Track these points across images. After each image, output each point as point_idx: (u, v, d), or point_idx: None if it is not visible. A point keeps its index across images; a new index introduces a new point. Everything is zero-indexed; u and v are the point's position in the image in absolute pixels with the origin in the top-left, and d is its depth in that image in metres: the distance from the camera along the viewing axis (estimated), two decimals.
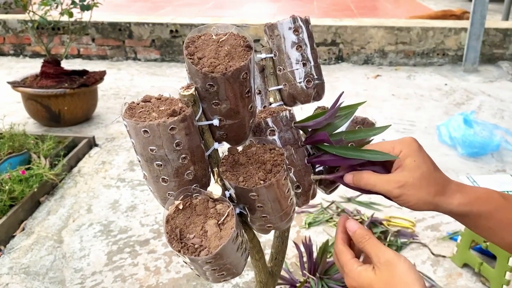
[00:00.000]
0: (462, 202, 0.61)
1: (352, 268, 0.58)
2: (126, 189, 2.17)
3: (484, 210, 0.61)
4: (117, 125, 2.88)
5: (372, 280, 0.56)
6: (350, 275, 0.58)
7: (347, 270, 0.59)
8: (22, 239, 1.82)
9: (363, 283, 0.56)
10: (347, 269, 0.59)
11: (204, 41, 0.60)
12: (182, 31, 4.24)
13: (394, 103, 3.26)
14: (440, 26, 4.07)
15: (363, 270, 0.57)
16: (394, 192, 0.61)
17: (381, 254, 0.57)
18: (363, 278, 0.57)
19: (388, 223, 1.86)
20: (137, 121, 0.55)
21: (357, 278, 0.57)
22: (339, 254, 0.61)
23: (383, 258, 0.57)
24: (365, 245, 0.60)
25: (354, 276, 0.58)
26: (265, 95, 0.82)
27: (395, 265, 0.56)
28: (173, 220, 0.58)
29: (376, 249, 0.58)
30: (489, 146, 2.42)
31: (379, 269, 0.56)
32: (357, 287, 0.57)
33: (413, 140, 0.63)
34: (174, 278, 1.61)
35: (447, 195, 0.61)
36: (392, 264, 0.56)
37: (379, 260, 0.57)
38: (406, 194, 0.61)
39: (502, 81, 3.73)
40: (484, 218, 0.61)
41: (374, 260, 0.57)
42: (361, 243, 0.61)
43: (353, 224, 0.63)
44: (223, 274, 0.60)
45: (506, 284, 1.47)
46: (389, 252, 0.57)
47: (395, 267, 0.56)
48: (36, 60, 4.35)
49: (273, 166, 0.62)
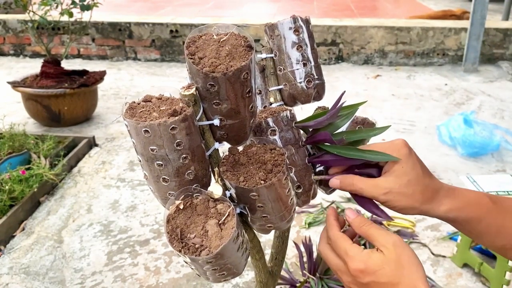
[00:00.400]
0: (450, 208, 0.61)
1: (359, 251, 0.57)
2: (126, 189, 2.17)
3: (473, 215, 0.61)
4: (117, 125, 2.88)
5: (383, 260, 0.55)
6: (357, 258, 0.56)
7: (352, 254, 0.57)
8: (22, 239, 1.82)
9: (373, 265, 0.55)
10: (352, 253, 0.57)
11: (205, 41, 0.60)
12: (182, 31, 4.24)
13: (394, 103, 3.26)
14: (440, 26, 4.07)
15: (371, 252, 0.56)
16: (380, 198, 0.61)
17: (388, 236, 0.57)
18: (372, 260, 0.56)
19: (388, 223, 1.86)
20: (137, 121, 0.55)
21: (366, 260, 0.56)
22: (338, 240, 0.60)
23: (391, 240, 0.56)
24: (369, 229, 0.59)
25: (363, 259, 0.56)
26: (266, 95, 0.82)
27: (403, 247, 0.56)
28: (174, 220, 0.58)
29: (381, 232, 0.58)
30: (489, 146, 2.43)
31: (388, 249, 0.56)
32: (365, 270, 0.55)
33: (404, 144, 0.62)
34: (174, 278, 1.61)
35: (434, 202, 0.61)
36: (400, 246, 0.56)
37: (386, 242, 0.56)
38: (392, 200, 0.61)
39: (502, 81, 3.73)
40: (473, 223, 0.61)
41: (380, 243, 0.57)
42: (363, 228, 0.60)
43: (351, 211, 0.62)
44: (224, 274, 0.60)
45: (506, 284, 1.47)
46: (395, 235, 0.58)
47: (403, 249, 0.56)
48: (36, 60, 4.35)
49: (274, 166, 0.62)
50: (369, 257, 0.56)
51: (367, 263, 0.56)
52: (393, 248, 0.56)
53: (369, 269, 0.55)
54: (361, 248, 0.57)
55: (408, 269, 0.55)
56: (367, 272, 0.55)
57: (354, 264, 0.56)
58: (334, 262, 0.60)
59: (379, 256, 0.56)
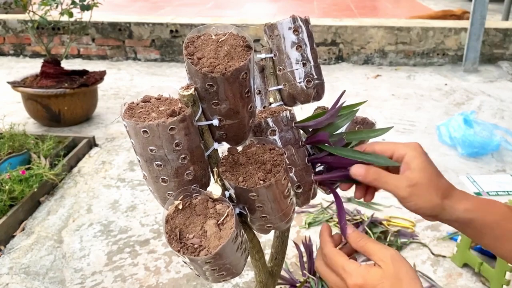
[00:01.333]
0: (468, 208, 0.60)
1: (356, 267, 0.57)
2: (126, 189, 2.17)
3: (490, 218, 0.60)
4: (117, 125, 2.88)
5: (381, 275, 0.55)
6: (355, 274, 0.56)
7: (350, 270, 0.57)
8: (22, 239, 1.82)
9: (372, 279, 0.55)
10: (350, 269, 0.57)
11: (203, 41, 0.60)
12: (182, 31, 4.24)
13: (394, 103, 3.26)
14: (440, 26, 4.07)
15: (369, 267, 0.57)
16: (404, 191, 0.61)
17: (386, 250, 0.57)
18: (371, 274, 0.56)
19: (388, 223, 1.86)
20: (136, 121, 0.55)
21: (365, 275, 0.56)
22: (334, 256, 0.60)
23: (389, 254, 0.57)
24: (366, 244, 0.59)
25: (361, 274, 0.56)
26: (265, 95, 0.82)
27: (401, 261, 0.56)
28: (173, 220, 0.58)
29: (379, 246, 0.58)
30: (489, 146, 2.42)
31: (386, 264, 0.56)
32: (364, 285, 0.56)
33: (419, 144, 0.64)
34: (174, 278, 1.61)
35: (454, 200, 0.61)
36: (398, 260, 0.56)
37: (384, 256, 0.57)
38: (416, 194, 0.60)
39: (502, 81, 3.73)
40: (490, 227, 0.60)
41: (378, 257, 0.57)
42: (360, 243, 0.60)
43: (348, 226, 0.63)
44: (223, 274, 0.60)
45: (506, 284, 1.47)
46: (392, 249, 0.58)
47: (401, 263, 0.56)
48: (36, 60, 4.35)
49: (273, 166, 0.62)
50: (367, 272, 0.56)
51: (366, 278, 0.56)
52: (391, 262, 0.56)
53: (368, 284, 0.55)
54: (358, 264, 0.58)
55: (406, 282, 0.55)
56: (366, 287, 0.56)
57: (353, 279, 0.56)
58: (331, 278, 0.60)
59: (377, 271, 0.56)
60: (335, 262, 0.59)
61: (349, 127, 0.77)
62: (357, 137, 0.71)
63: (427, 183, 0.60)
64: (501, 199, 2.03)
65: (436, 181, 0.61)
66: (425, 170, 0.61)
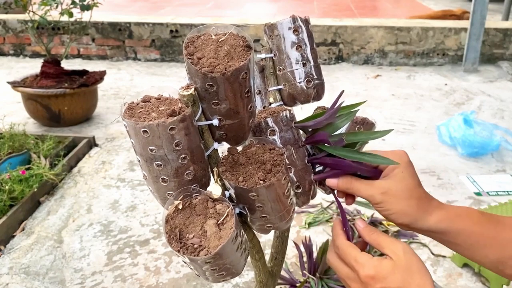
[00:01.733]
0: (441, 218, 0.62)
1: (369, 258, 0.58)
2: (126, 189, 2.17)
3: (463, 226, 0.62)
4: (117, 125, 2.88)
5: (393, 267, 0.57)
6: (367, 265, 0.57)
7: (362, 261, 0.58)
8: (22, 239, 1.82)
9: (384, 271, 0.56)
10: (362, 260, 0.58)
11: (203, 41, 0.60)
12: (182, 31, 4.24)
13: (394, 103, 3.26)
14: (440, 26, 4.07)
15: (381, 260, 0.58)
16: (376, 198, 0.63)
17: (398, 243, 0.59)
18: (383, 266, 0.57)
19: (388, 223, 1.86)
20: (136, 121, 0.55)
21: (377, 266, 0.57)
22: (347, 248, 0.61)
23: (400, 247, 0.58)
24: (378, 237, 0.61)
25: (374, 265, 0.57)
26: (265, 95, 0.82)
27: (412, 254, 0.58)
28: (173, 220, 0.58)
29: (391, 239, 0.60)
30: (489, 146, 2.42)
31: (397, 256, 0.57)
32: (376, 276, 0.57)
33: (405, 153, 0.65)
34: (174, 278, 1.61)
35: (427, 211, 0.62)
36: (409, 252, 0.58)
37: (396, 249, 0.58)
38: (388, 202, 0.62)
39: (502, 81, 3.73)
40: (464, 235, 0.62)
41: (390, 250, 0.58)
42: (372, 236, 0.61)
43: (361, 221, 0.64)
44: (223, 274, 0.60)
45: (506, 284, 1.47)
46: (403, 242, 0.59)
47: (412, 255, 0.58)
48: (36, 60, 4.35)
49: (273, 166, 0.62)
50: (379, 264, 0.57)
51: (377, 269, 0.57)
52: (403, 255, 0.57)
53: (380, 275, 0.56)
54: (370, 256, 0.59)
55: (417, 275, 0.56)
56: (378, 278, 0.56)
57: (365, 270, 0.57)
58: (343, 270, 0.61)
59: (389, 263, 0.57)
60: (348, 254, 0.60)
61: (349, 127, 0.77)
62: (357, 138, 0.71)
63: (400, 192, 0.62)
64: (501, 199, 2.04)
65: (411, 192, 0.62)
66: (402, 180, 0.62)
